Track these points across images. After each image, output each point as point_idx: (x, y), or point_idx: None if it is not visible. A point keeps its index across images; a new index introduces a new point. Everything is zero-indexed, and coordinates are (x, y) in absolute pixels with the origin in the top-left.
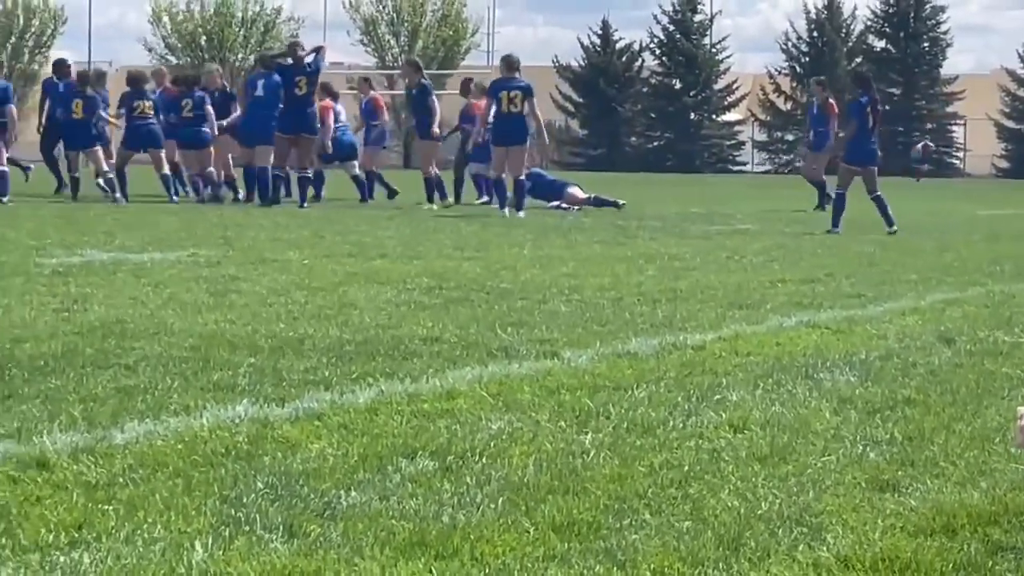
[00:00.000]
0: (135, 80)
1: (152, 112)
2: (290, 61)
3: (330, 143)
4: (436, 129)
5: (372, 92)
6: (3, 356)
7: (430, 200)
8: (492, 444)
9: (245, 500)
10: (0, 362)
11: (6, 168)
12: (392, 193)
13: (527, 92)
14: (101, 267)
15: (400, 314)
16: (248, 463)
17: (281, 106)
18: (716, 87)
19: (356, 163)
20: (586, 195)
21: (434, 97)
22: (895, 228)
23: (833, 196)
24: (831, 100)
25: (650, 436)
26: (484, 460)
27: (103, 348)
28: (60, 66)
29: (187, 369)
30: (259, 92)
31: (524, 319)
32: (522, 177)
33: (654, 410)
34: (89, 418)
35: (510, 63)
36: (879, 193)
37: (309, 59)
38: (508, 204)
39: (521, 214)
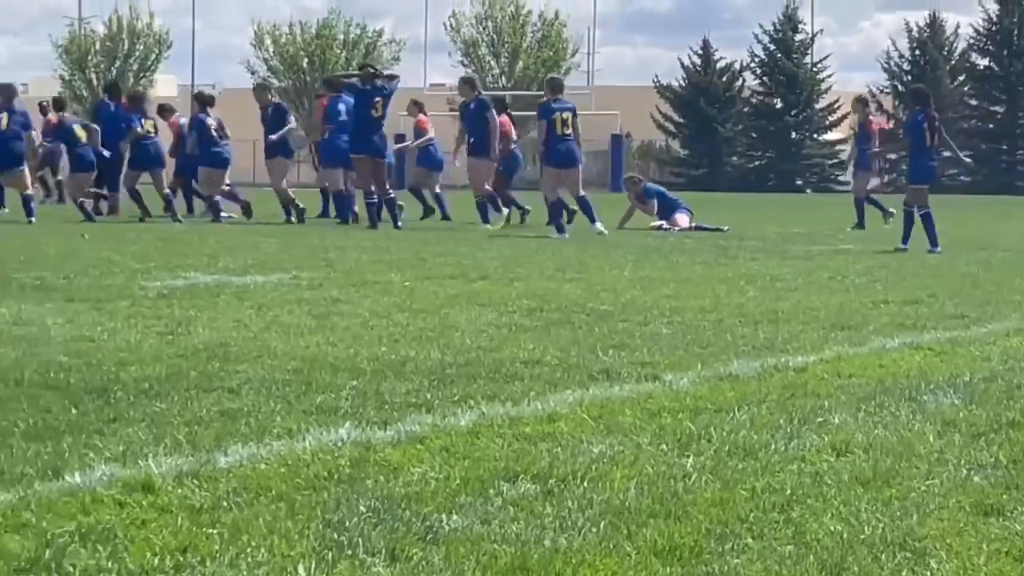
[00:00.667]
0: (135, 99)
1: (155, 131)
2: (375, 83)
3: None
4: (495, 150)
5: (420, 115)
6: (109, 379)
7: (485, 220)
8: (593, 467)
9: (348, 524)
10: (106, 385)
11: (31, 192)
12: (426, 213)
13: (575, 113)
14: (205, 290)
15: (501, 336)
16: (350, 486)
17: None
18: (817, 106)
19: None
20: (691, 224)
21: (492, 114)
22: (939, 249)
23: (902, 214)
24: (871, 118)
25: (752, 459)
26: (585, 483)
27: (207, 371)
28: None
29: (290, 392)
30: (343, 117)
31: (625, 341)
32: (583, 194)
33: (756, 433)
34: (193, 441)
35: (557, 85)
36: (929, 211)
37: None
38: (559, 223)
39: (598, 225)
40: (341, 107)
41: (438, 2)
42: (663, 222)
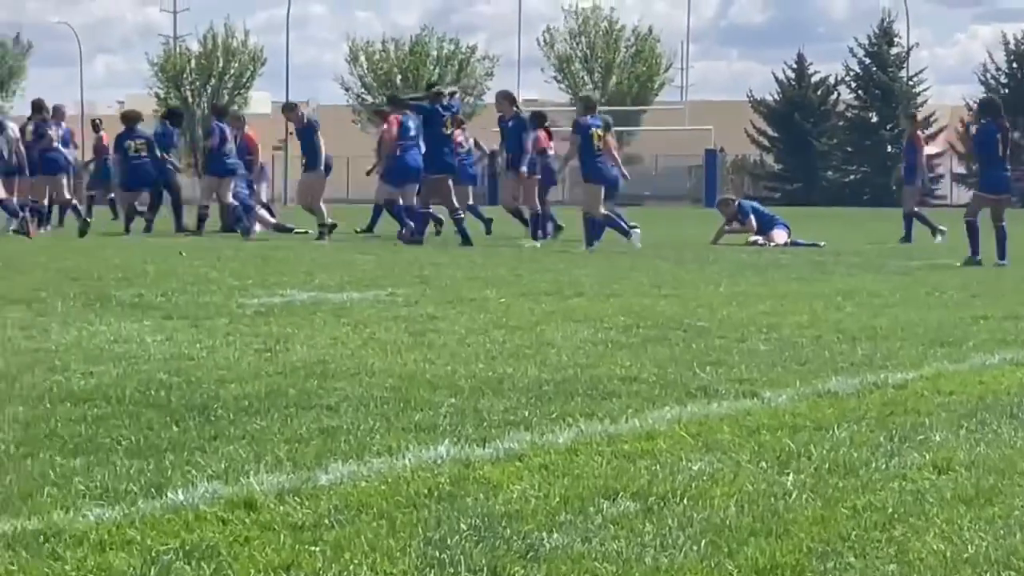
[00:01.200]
0: (129, 119)
1: (146, 150)
2: (443, 102)
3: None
4: (524, 168)
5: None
6: (209, 397)
7: (534, 236)
8: (693, 485)
9: (449, 542)
10: (206, 403)
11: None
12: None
13: (609, 127)
14: (302, 307)
15: (598, 353)
16: (451, 504)
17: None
18: None
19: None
20: (787, 240)
21: (529, 133)
22: (1006, 263)
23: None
24: (918, 132)
25: (852, 477)
26: (685, 501)
27: (305, 389)
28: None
29: (388, 410)
30: (412, 133)
31: (722, 358)
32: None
33: (856, 451)
34: (294, 459)
35: (592, 104)
36: (1003, 224)
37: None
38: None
39: (637, 231)
40: (411, 124)
41: (532, 18)
42: (759, 237)
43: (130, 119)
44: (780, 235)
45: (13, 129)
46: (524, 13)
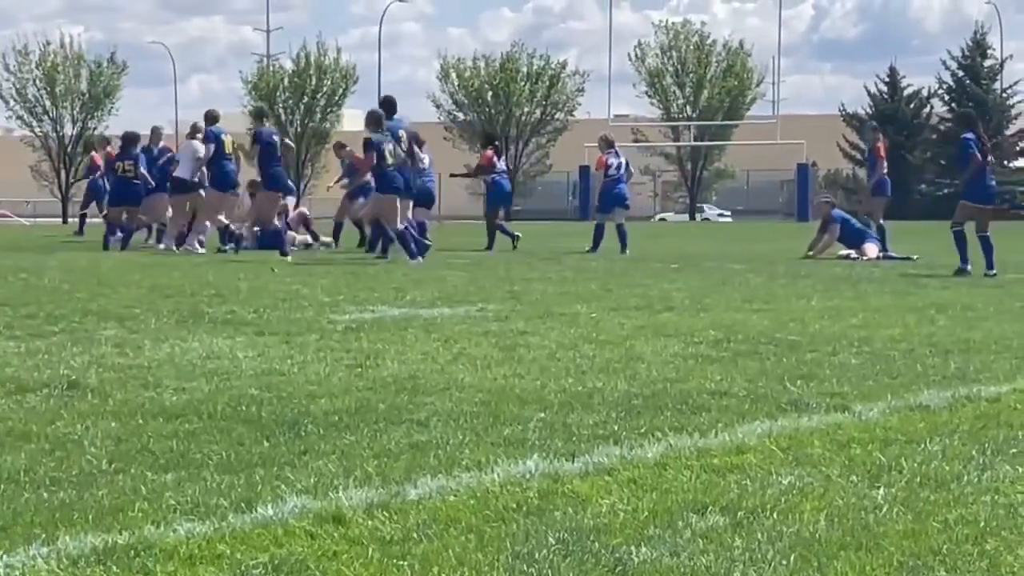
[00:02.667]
0: (126, 140)
1: (132, 171)
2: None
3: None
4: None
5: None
6: (299, 412)
7: (385, 252)
8: (783, 499)
9: (537, 556)
10: (296, 418)
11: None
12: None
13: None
14: (392, 323)
15: (688, 367)
16: (539, 518)
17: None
18: (1007, 132)
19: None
20: (879, 253)
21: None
22: (995, 272)
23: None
24: (879, 144)
25: (944, 491)
26: (775, 516)
27: (395, 404)
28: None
29: (478, 424)
30: (425, 165)
31: (813, 372)
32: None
33: (948, 464)
34: (383, 474)
35: (378, 118)
36: (988, 234)
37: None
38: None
39: (419, 260)
40: (426, 157)
41: (623, 33)
42: (851, 251)
43: (128, 140)
44: (872, 249)
45: (198, 148)
46: (615, 28)
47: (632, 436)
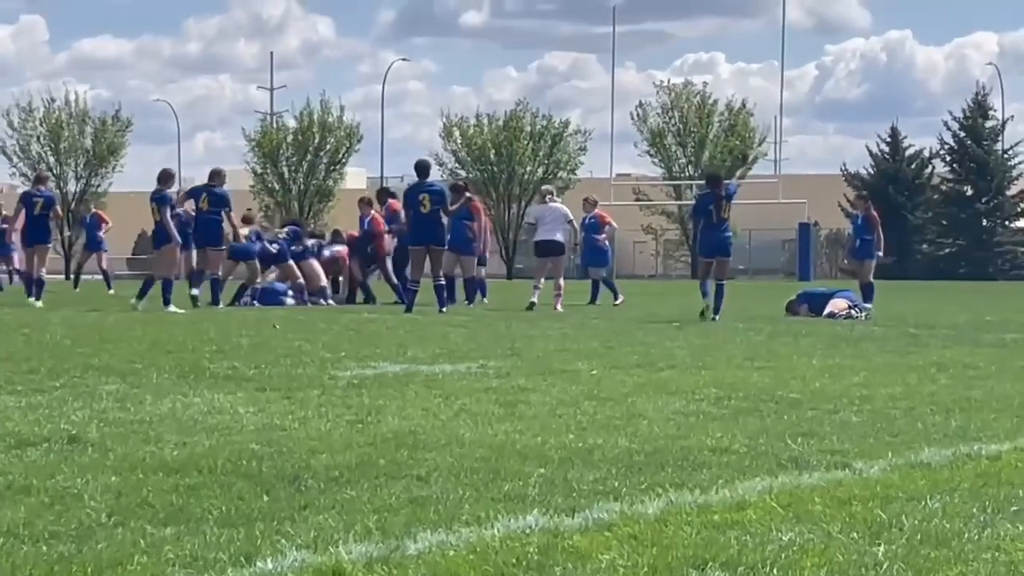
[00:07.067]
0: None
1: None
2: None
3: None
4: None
5: (372, 211)
6: (300, 467)
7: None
8: (783, 555)
9: None
10: (297, 473)
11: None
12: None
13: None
14: (394, 379)
15: (689, 424)
16: (539, 573)
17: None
18: (1008, 193)
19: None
20: (850, 304)
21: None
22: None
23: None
24: (873, 212)
25: (945, 548)
26: (775, 571)
27: (396, 459)
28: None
29: (478, 480)
30: (426, 209)
31: (814, 429)
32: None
33: (948, 522)
34: (383, 528)
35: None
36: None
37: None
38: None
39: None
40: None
41: (626, 93)
42: (828, 310)
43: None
44: (839, 303)
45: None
46: (617, 88)
47: (632, 492)
